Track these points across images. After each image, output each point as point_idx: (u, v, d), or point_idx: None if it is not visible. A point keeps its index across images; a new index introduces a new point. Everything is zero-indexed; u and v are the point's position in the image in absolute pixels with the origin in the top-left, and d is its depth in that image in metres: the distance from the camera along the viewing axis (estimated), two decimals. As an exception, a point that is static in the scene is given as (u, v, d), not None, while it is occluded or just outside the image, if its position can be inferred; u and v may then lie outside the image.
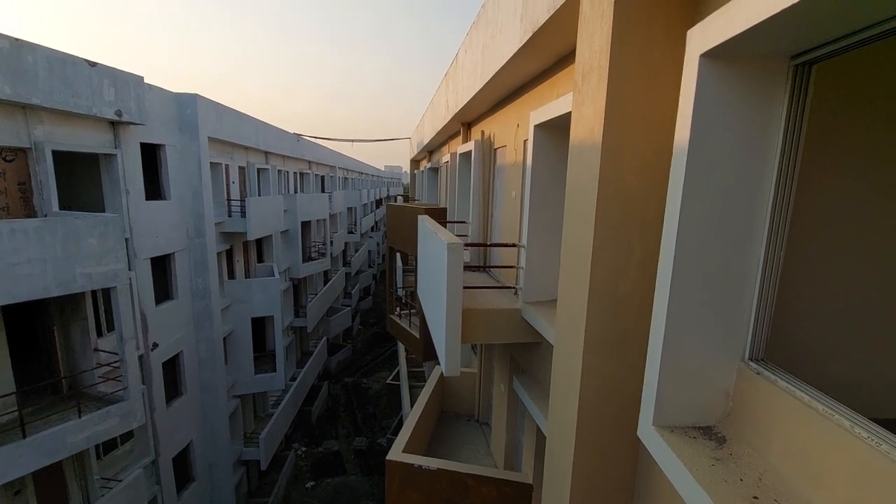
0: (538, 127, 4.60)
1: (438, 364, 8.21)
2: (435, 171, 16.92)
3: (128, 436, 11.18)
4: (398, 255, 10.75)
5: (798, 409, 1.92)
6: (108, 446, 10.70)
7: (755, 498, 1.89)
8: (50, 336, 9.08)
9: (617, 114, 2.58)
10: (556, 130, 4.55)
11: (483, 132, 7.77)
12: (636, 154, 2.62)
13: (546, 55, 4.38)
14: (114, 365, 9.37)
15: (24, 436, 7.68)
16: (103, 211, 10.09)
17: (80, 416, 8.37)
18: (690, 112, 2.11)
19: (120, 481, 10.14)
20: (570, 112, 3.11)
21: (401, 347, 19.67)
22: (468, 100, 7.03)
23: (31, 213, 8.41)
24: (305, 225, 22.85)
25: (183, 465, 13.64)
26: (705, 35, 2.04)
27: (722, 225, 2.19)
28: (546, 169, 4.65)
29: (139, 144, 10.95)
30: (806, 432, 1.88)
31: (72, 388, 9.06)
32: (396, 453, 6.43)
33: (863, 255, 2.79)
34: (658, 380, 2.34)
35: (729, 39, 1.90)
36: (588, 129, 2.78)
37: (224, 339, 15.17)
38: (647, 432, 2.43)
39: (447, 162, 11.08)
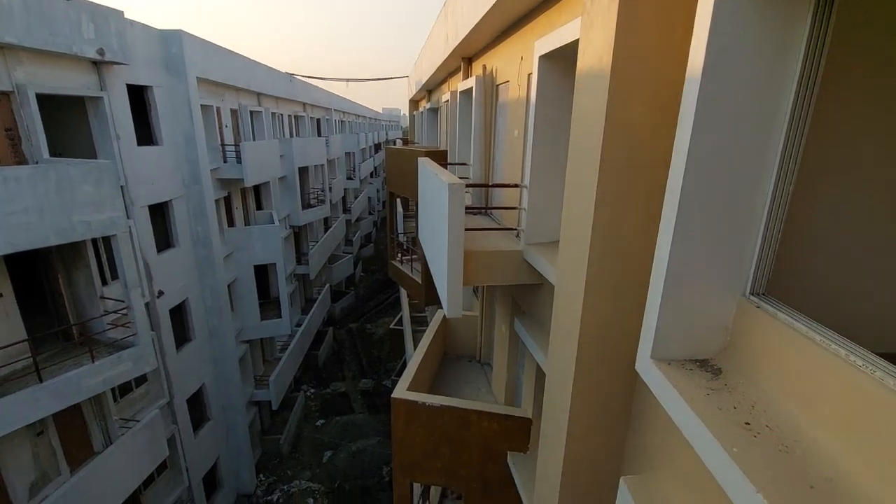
0: (543, 58, 4.36)
1: (441, 308, 8.35)
2: (434, 111, 16.37)
3: (142, 379, 11.62)
4: (398, 200, 10.63)
5: (795, 340, 1.94)
6: (124, 389, 11.15)
7: (747, 424, 1.95)
8: (55, 285, 9.19)
9: (628, 39, 2.42)
10: (563, 61, 4.32)
11: (485, 67, 7.41)
12: (646, 83, 2.48)
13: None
14: (121, 312, 9.56)
15: (40, 380, 7.96)
16: (95, 158, 9.88)
17: (93, 361, 8.65)
18: (706, 35, 1.96)
19: (138, 421, 10.66)
20: (578, 39, 2.92)
21: (403, 293, 19.98)
22: (469, 30, 6.64)
23: (21, 160, 8.23)
24: (303, 171, 22.51)
25: (197, 406, 14.29)
26: (728, -56, 1.86)
27: (732, 157, 2.11)
28: (551, 104, 4.46)
29: (125, 86, 10.53)
30: (801, 362, 1.91)
31: (82, 335, 9.29)
32: (401, 391, 6.68)
33: (879, 192, 2.70)
34: (658, 315, 2.35)
35: (755, -53, 1.73)
36: (596, 56, 2.62)
37: (229, 286, 15.38)
38: (645, 366, 2.48)
39: (447, 101, 10.68)
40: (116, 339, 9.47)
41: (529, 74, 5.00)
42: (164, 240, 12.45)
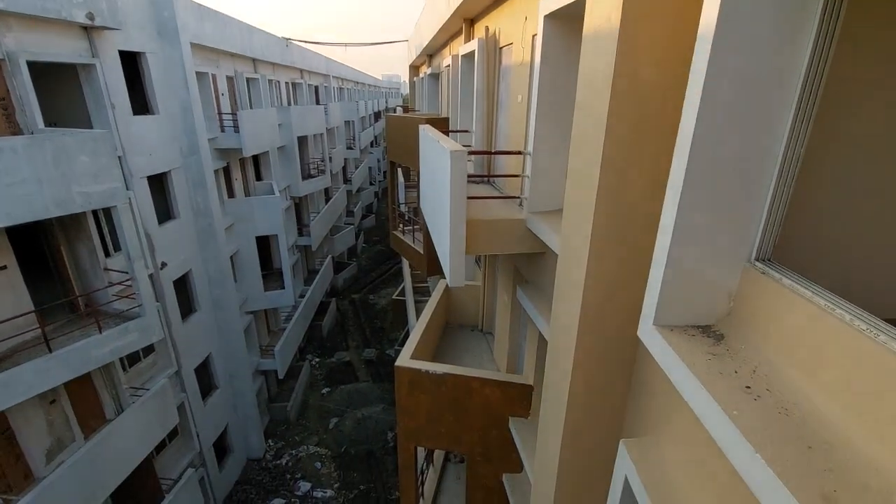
0: (549, 17, 4.19)
1: (443, 278, 8.36)
2: (435, 77, 15.97)
3: (149, 349, 11.82)
4: (399, 169, 10.51)
5: (799, 305, 1.93)
6: (132, 359, 11.35)
7: (748, 388, 1.96)
8: (59, 257, 9.21)
9: (638, -6, 2.31)
10: (569, 21, 4.15)
11: (487, 28, 7.16)
12: (656, 42, 2.38)
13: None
14: (126, 284, 9.62)
15: (49, 350, 8.10)
16: (91, 129, 9.73)
17: (100, 332, 8.77)
18: (720, -12, 1.87)
19: (148, 390, 10.91)
20: (584, -4, 2.80)
21: (405, 264, 20.06)
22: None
23: (15, 130, 8.11)
24: (302, 140, 22.19)
25: (205, 376, 14.59)
26: None
27: (743, 118, 2.04)
28: (556, 66, 4.32)
29: (118, 53, 10.26)
30: (804, 327, 1.90)
31: (88, 306, 9.39)
32: (405, 360, 6.78)
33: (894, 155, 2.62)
34: (662, 281, 2.33)
35: None
36: (604, 15, 2.51)
37: (231, 258, 15.43)
38: (647, 332, 2.48)
39: (448, 66, 10.40)
40: (122, 310, 9.58)
41: (534, 36, 4.83)
42: (164, 211, 12.40)
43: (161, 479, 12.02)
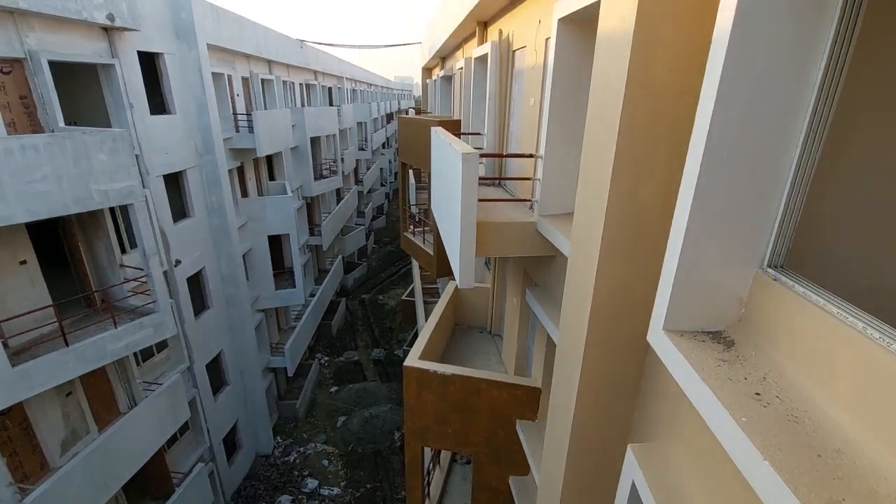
0: (563, 21, 4.19)
1: (453, 279, 8.38)
2: (448, 79, 16.02)
3: (162, 345, 12.00)
4: (411, 171, 10.56)
5: (811, 313, 1.91)
6: (146, 354, 11.53)
7: (757, 394, 1.94)
8: (76, 253, 9.41)
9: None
10: (583, 24, 4.15)
11: (501, 31, 7.18)
12: (670, 45, 2.38)
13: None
14: (141, 280, 9.79)
15: (66, 344, 8.26)
16: (110, 127, 9.92)
17: (115, 327, 8.93)
18: (736, -6, 1.86)
19: (160, 384, 11.07)
20: (599, 1, 2.80)
21: (415, 265, 20.11)
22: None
23: (37, 128, 8.30)
24: (315, 141, 22.38)
25: (216, 372, 14.76)
26: None
27: (757, 123, 2.03)
28: (569, 70, 4.32)
29: (136, 53, 10.46)
30: (816, 335, 1.89)
31: (104, 302, 9.57)
32: (413, 360, 6.81)
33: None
34: (672, 286, 2.32)
35: None
36: (619, 17, 2.51)
37: (243, 256, 15.61)
38: (657, 337, 2.47)
39: (461, 68, 10.43)
40: (137, 305, 9.75)
41: (547, 39, 4.84)
42: (179, 210, 12.60)
43: (172, 472, 12.19)
